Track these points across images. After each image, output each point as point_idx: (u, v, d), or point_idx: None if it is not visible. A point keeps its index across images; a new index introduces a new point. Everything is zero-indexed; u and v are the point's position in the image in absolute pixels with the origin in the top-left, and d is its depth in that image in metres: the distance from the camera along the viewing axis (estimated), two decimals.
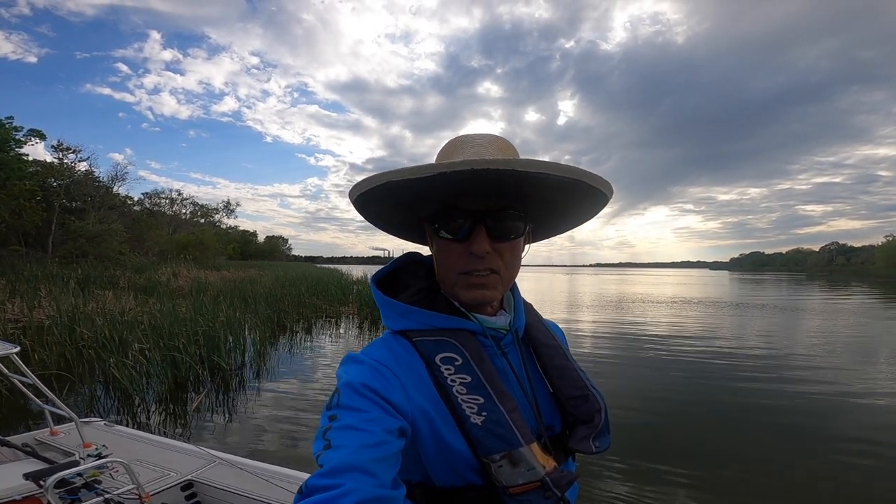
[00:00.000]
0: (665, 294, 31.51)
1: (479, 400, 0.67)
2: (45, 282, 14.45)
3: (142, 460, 2.90)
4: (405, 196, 0.66)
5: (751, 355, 9.86)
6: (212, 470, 2.83)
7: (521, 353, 0.78)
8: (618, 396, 6.62)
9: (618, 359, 9.48)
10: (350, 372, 0.66)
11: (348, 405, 0.61)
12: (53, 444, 3.17)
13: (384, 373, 0.66)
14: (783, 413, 6.08)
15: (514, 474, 0.65)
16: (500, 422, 0.66)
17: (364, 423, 0.59)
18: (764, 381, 7.63)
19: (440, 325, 0.72)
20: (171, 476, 2.74)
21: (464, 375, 0.68)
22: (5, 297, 11.58)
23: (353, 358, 0.69)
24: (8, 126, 26.05)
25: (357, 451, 0.56)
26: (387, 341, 0.73)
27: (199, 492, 2.71)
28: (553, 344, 0.82)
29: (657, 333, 12.86)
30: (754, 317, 17.66)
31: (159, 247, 34.68)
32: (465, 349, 0.70)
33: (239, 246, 53.86)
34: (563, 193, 0.66)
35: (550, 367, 0.79)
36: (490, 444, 0.65)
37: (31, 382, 3.02)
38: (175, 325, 7.85)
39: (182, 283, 17.91)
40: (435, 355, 0.69)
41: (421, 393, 0.67)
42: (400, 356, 0.70)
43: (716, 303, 23.87)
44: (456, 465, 0.67)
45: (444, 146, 0.76)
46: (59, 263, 21.75)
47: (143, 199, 48.44)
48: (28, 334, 8.15)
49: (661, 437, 5.30)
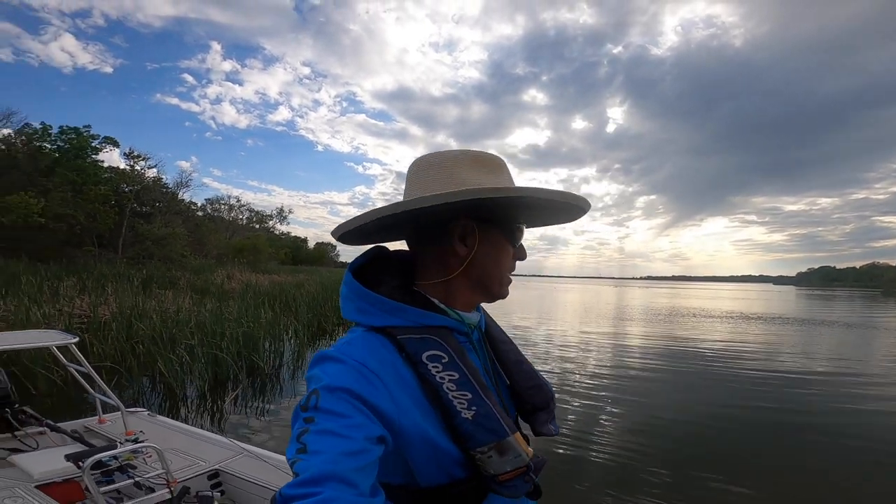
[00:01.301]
0: (721, 308, 29.93)
1: (467, 395, 0.68)
2: (113, 281, 15.50)
3: (175, 448, 3.02)
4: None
5: (816, 374, 9.25)
6: (238, 461, 2.92)
7: (486, 348, 0.83)
8: (666, 410, 6.41)
9: (667, 373, 9.11)
10: (329, 372, 0.63)
11: (328, 409, 0.59)
12: (99, 432, 3.37)
13: (368, 376, 0.63)
14: (851, 436, 5.66)
15: (503, 462, 0.67)
16: (489, 415, 0.68)
17: (344, 429, 0.57)
18: (830, 402, 7.14)
19: (425, 323, 0.72)
20: (199, 465, 2.85)
21: (452, 372, 0.69)
22: (75, 294, 12.53)
23: (330, 357, 0.66)
24: (85, 134, 28.31)
25: (336, 458, 0.54)
26: (366, 339, 0.70)
27: (225, 481, 2.81)
28: (508, 340, 0.88)
29: (711, 349, 12.23)
30: (821, 334, 16.42)
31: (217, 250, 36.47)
32: (448, 346, 0.71)
33: (290, 251, 55.81)
34: (561, 213, 0.81)
35: (508, 361, 0.84)
36: (481, 436, 0.67)
37: (85, 372, 3.26)
38: (218, 324, 8.19)
39: (234, 286, 18.74)
40: (422, 353, 0.69)
41: (406, 394, 0.66)
42: (382, 357, 0.68)
43: (778, 318, 22.40)
44: (443, 463, 0.68)
45: (476, 160, 0.76)
46: (127, 264, 23.28)
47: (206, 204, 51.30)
48: (91, 329, 8.76)
49: (712, 452, 5.11)
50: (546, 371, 8.89)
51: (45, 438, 3.18)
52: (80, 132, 28.36)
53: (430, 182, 0.74)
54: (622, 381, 8.34)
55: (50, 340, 3.24)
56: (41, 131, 27.28)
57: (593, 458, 4.89)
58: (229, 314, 9.34)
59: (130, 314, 9.32)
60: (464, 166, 0.74)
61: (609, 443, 5.29)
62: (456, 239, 0.75)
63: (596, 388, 7.83)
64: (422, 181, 0.75)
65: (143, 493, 2.49)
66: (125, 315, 9.29)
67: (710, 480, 4.40)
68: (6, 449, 2.99)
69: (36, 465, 2.64)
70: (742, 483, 4.34)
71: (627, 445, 5.21)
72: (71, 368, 3.38)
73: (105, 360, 7.22)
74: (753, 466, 4.77)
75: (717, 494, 4.16)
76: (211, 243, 37.55)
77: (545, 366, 9.44)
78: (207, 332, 7.75)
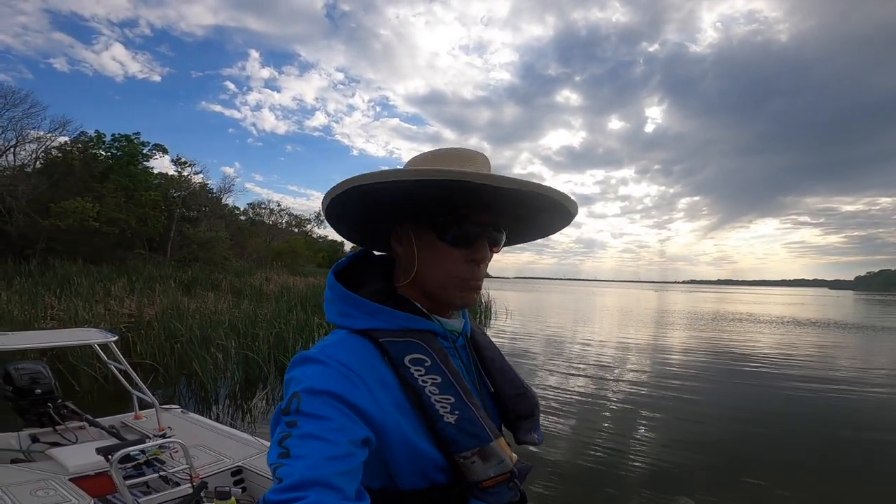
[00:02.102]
0: (772, 314, 28.41)
1: (450, 399, 0.67)
2: (160, 282, 16.19)
3: (203, 445, 3.09)
4: (388, 200, 0.69)
5: (875, 385, 8.65)
6: (261, 458, 2.95)
7: (470, 354, 0.81)
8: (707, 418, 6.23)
9: (710, 382, 8.74)
10: (310, 374, 0.62)
11: (310, 412, 0.57)
12: (135, 427, 3.49)
13: (350, 377, 0.62)
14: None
15: (486, 468, 0.66)
16: (471, 419, 0.67)
17: (328, 433, 0.56)
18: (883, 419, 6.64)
19: (407, 326, 0.71)
20: (223, 461, 2.90)
21: (434, 376, 0.68)
22: (125, 295, 13.15)
23: (311, 358, 0.64)
24: (136, 141, 29.77)
25: (320, 463, 0.53)
26: (347, 341, 0.69)
27: (247, 478, 2.85)
28: (493, 347, 0.86)
29: (759, 356, 11.67)
30: (883, 342, 15.29)
31: (258, 253, 37.59)
32: (431, 350, 0.70)
33: (327, 254, 57.03)
34: (543, 213, 0.73)
35: (492, 368, 0.82)
36: (464, 441, 0.66)
37: (124, 369, 3.40)
38: (251, 325, 8.38)
39: (272, 288, 19.21)
40: (404, 356, 0.68)
41: (388, 397, 0.65)
42: (363, 358, 0.66)
43: (833, 324, 21.09)
44: (423, 467, 0.66)
45: (434, 155, 0.75)
46: (175, 266, 24.30)
47: (248, 209, 53.07)
48: (136, 328, 9.14)
49: (751, 461, 4.89)
50: (581, 376, 8.63)
51: (83, 433, 3.29)
52: (132, 139, 29.86)
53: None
54: (662, 389, 8.07)
55: (91, 339, 3.38)
56: (95, 139, 28.82)
57: (629, 464, 4.81)
58: (263, 316, 9.54)
59: (171, 314, 9.66)
60: (417, 160, 0.75)
61: (646, 451, 5.17)
62: (393, 241, 0.77)
63: (634, 394, 7.64)
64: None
65: (170, 486, 2.55)
66: (166, 315, 9.64)
67: (749, 490, 4.30)
68: (47, 443, 3.13)
69: (71, 458, 2.73)
70: (781, 494, 4.22)
71: (664, 453, 5.09)
72: (111, 365, 3.51)
73: (146, 359, 7.50)
74: (793, 478, 4.59)
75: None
76: (252, 247, 38.75)
77: (579, 371, 9.16)
78: (240, 333, 7.94)
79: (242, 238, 38.90)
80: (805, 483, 4.53)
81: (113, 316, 10.21)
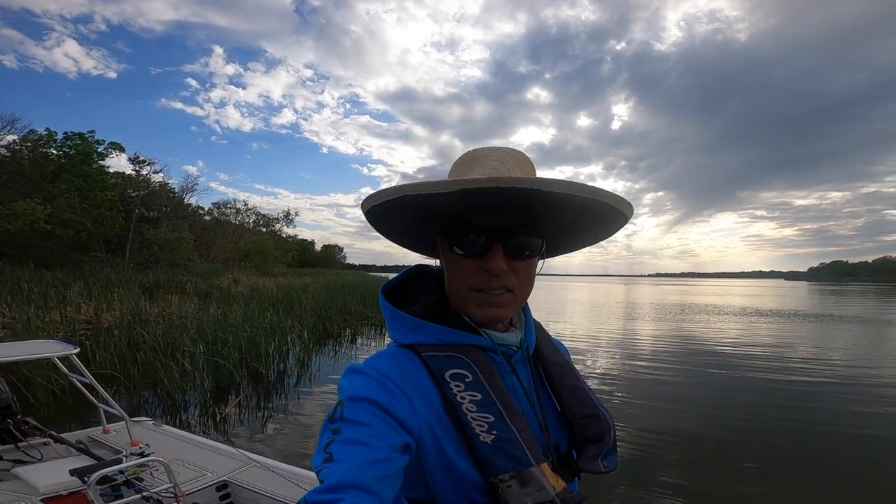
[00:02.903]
0: (733, 305, 29.57)
1: (489, 418, 0.64)
2: (119, 286, 15.45)
3: (182, 460, 2.98)
4: (422, 210, 0.65)
5: (831, 371, 9.08)
6: (246, 472, 2.89)
7: (531, 370, 0.76)
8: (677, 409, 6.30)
9: (677, 373, 8.90)
10: (354, 384, 0.64)
11: (352, 419, 0.59)
12: (104, 442, 3.32)
13: (390, 387, 0.63)
14: (863, 435, 5.55)
15: (523, 494, 0.63)
16: (510, 440, 0.64)
17: (368, 439, 0.57)
18: (845, 400, 7.00)
19: (451, 341, 0.70)
20: (207, 476, 2.81)
21: (474, 393, 0.66)
22: (81, 301, 12.46)
23: (357, 370, 0.66)
24: (90, 140, 28.45)
25: (359, 467, 0.54)
26: (393, 354, 0.70)
27: (233, 492, 2.77)
28: (562, 362, 0.80)
29: (723, 346, 12.07)
30: (836, 330, 16.08)
31: (224, 254, 36.52)
32: (475, 365, 0.68)
33: (297, 254, 55.92)
34: (582, 213, 0.64)
35: (560, 385, 0.77)
36: (500, 463, 0.63)
37: (88, 382, 3.24)
38: (219, 330, 8.05)
39: (240, 290, 18.64)
40: (445, 371, 0.67)
41: (427, 409, 0.64)
42: (406, 370, 0.67)
43: (791, 315, 22.01)
44: (461, 485, 0.64)
45: (461, 158, 0.74)
46: (135, 269, 23.33)
47: (213, 208, 51.51)
48: (94, 335, 8.64)
49: (720, 450, 5.08)
50: None
51: (49, 450, 3.11)
52: (85, 138, 28.52)
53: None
54: (633, 380, 8.23)
55: (50, 351, 3.22)
56: (46, 137, 27.42)
57: None
58: (233, 319, 9.19)
59: (132, 321, 9.18)
60: (455, 166, 0.73)
61: (619, 438, 5.24)
62: (440, 256, 0.74)
63: (606, 385, 7.72)
64: None
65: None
66: (126, 322, 9.16)
67: (718, 479, 4.39)
68: (10, 461, 2.96)
69: (41, 478, 2.60)
70: (746, 480, 4.32)
71: (636, 444, 5.18)
72: (73, 378, 3.36)
73: (106, 368, 7.09)
74: (761, 463, 4.71)
75: (725, 494, 4.12)
76: (217, 247, 37.65)
77: None
78: (209, 339, 7.60)
79: (207, 238, 37.75)
80: (772, 465, 4.68)
81: (69, 323, 9.63)
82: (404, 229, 0.75)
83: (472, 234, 0.66)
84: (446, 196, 0.58)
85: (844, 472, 4.66)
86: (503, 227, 0.66)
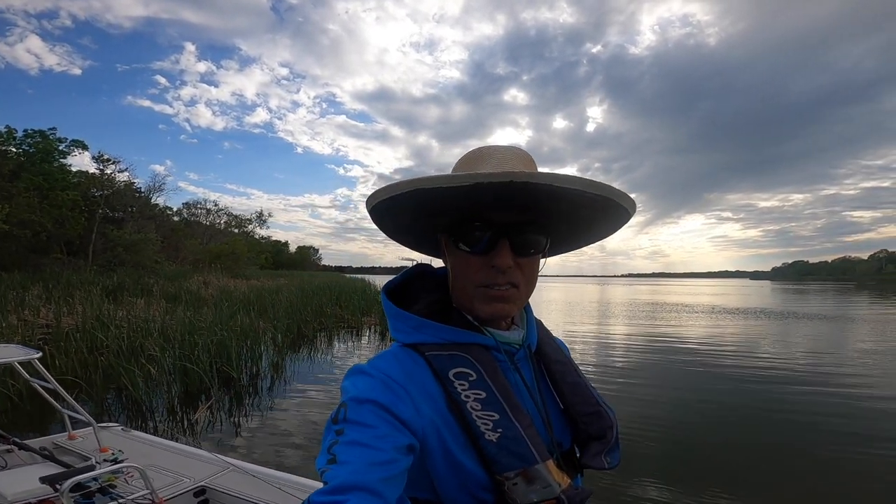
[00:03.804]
0: (702, 304, 30.37)
1: (493, 416, 0.65)
2: (81, 289, 14.84)
3: (156, 465, 2.92)
4: (428, 206, 0.64)
5: (794, 368, 9.35)
6: (225, 476, 2.85)
7: (534, 368, 0.76)
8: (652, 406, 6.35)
9: (652, 370, 9.06)
10: (358, 385, 0.63)
11: (356, 420, 0.59)
12: (71, 449, 3.22)
13: (393, 387, 0.63)
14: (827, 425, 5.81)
15: (529, 492, 0.63)
16: (516, 438, 0.64)
17: (372, 440, 0.57)
18: (808, 395, 7.24)
19: (454, 339, 0.69)
20: (184, 482, 2.76)
21: (478, 391, 0.66)
22: (40, 304, 11.90)
23: (361, 370, 0.66)
24: (52, 137, 27.34)
25: (364, 468, 0.54)
26: (396, 354, 0.69)
27: (212, 498, 2.73)
28: (564, 360, 0.81)
29: (694, 343, 12.35)
30: (798, 327, 16.69)
31: (193, 256, 35.55)
32: (479, 364, 0.68)
33: (271, 256, 54.90)
34: (589, 210, 0.64)
35: (562, 383, 0.77)
36: (505, 461, 0.63)
37: (51, 387, 3.16)
38: (187, 333, 7.79)
39: (211, 292, 18.13)
40: (449, 370, 0.67)
41: (432, 409, 0.64)
42: (410, 370, 0.66)
43: (756, 312, 22.73)
44: (467, 484, 0.65)
45: (465, 157, 0.73)
46: (98, 271, 22.47)
47: (182, 209, 50.09)
48: (54, 340, 8.25)
49: (692, 448, 5.14)
50: None
51: (13, 457, 3.03)
52: (46, 135, 27.41)
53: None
54: (609, 379, 8.30)
55: (11, 356, 3.09)
56: (5, 134, 26.26)
57: None
58: (201, 322, 8.90)
59: (94, 325, 8.80)
60: (468, 164, 0.72)
61: None
62: (444, 253, 0.75)
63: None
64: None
65: None
66: (88, 325, 8.77)
67: (693, 470, 4.53)
68: None
69: (8, 485, 2.51)
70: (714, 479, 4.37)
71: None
72: (35, 384, 3.24)
73: (66, 374, 6.76)
74: (727, 461, 4.81)
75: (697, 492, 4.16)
76: (186, 249, 36.64)
77: None
78: (176, 343, 7.34)
79: (175, 240, 36.66)
80: (743, 459, 4.81)
81: (27, 328, 9.17)
82: (407, 227, 0.75)
83: (479, 230, 0.66)
84: (456, 190, 0.58)
85: (811, 462, 4.81)
86: (510, 223, 0.66)
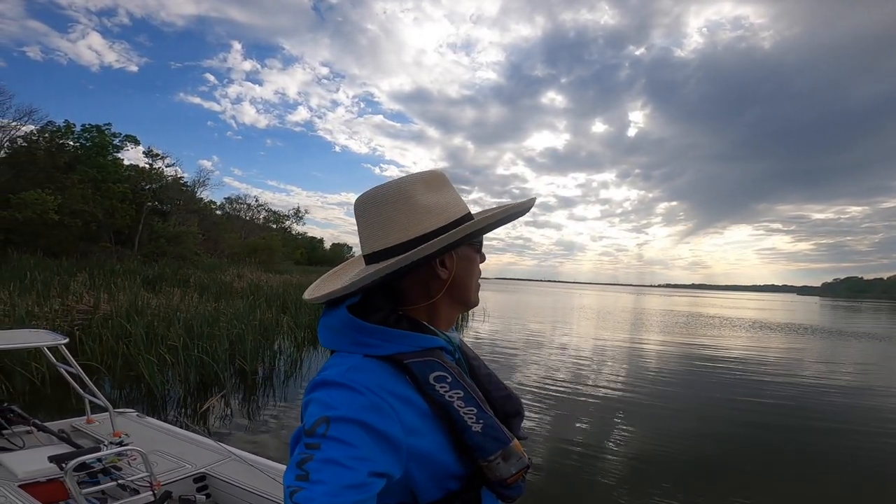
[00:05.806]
0: (743, 318, 29.19)
1: (474, 410, 0.71)
2: (123, 277, 15.52)
3: (162, 451, 3.01)
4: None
5: (837, 386, 8.98)
6: (225, 465, 2.92)
7: (463, 364, 0.83)
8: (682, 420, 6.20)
9: (685, 384, 8.77)
10: (337, 399, 0.62)
11: (335, 437, 0.58)
12: (87, 432, 3.34)
13: (381, 406, 0.63)
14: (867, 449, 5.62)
15: (509, 467, 0.72)
16: (493, 426, 0.72)
17: (350, 461, 0.56)
18: (851, 416, 6.96)
19: (426, 345, 0.73)
20: (185, 468, 2.84)
21: (458, 390, 0.71)
22: (84, 290, 12.51)
23: (339, 383, 0.64)
24: (106, 132, 28.85)
25: (338, 490, 0.54)
26: (370, 367, 0.68)
27: (211, 485, 2.79)
28: (477, 356, 0.89)
29: (730, 358, 11.86)
30: (846, 346, 15.69)
31: (231, 249, 36.73)
32: (446, 365, 0.73)
33: (305, 252, 56.13)
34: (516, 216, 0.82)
35: (480, 375, 0.84)
36: (490, 446, 0.71)
37: (75, 372, 3.30)
38: (207, 325, 7.99)
39: (243, 285, 18.65)
40: (428, 375, 0.70)
41: (416, 417, 0.67)
42: (391, 383, 0.68)
43: (801, 329, 21.56)
44: (440, 478, 0.69)
45: (429, 179, 0.78)
46: (141, 261, 23.53)
47: (225, 203, 51.93)
48: (89, 326, 8.63)
49: (724, 464, 5.08)
50: (561, 376, 8.48)
51: (31, 438, 3.16)
52: (102, 130, 28.97)
53: (393, 218, 0.74)
54: (642, 389, 8.13)
55: (40, 341, 3.26)
56: (65, 129, 27.91)
57: (605, 465, 4.85)
58: (223, 315, 9.12)
59: (124, 313, 9.15)
60: (419, 193, 0.75)
61: (622, 449, 5.29)
62: (437, 265, 0.77)
63: (612, 394, 7.66)
64: (384, 219, 0.75)
65: (128, 494, 2.49)
66: (121, 313, 9.14)
67: (723, 487, 4.44)
68: None
69: (20, 464, 2.64)
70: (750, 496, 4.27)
71: (640, 455, 5.16)
72: (61, 368, 3.42)
73: (92, 360, 7.05)
74: (763, 478, 4.67)
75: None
76: (225, 242, 37.89)
77: (560, 371, 9.01)
78: (195, 334, 7.53)
79: (216, 233, 37.97)
80: (779, 480, 4.66)
81: (66, 312, 9.64)
82: None
83: (480, 238, 0.81)
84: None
85: (850, 480, 4.70)
86: None
